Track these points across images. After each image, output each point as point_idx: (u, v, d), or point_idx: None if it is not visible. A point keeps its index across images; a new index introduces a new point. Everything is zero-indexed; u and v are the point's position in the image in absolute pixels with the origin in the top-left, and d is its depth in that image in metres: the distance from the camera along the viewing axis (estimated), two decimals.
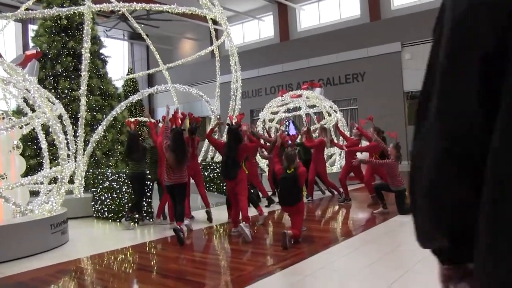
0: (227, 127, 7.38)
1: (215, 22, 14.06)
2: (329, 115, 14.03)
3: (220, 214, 8.32)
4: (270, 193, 10.16)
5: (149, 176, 8.26)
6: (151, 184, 8.26)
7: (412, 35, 19.65)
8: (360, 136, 10.02)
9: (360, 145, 10.15)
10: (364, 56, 20.96)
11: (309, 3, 24.54)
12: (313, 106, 14.69)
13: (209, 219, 8.01)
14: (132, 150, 7.96)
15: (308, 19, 24.78)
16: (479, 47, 0.84)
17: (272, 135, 11.99)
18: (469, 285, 1.00)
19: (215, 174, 11.14)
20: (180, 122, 7.09)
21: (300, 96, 13.47)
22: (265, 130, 11.80)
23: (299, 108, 14.68)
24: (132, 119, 9.08)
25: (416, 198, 0.99)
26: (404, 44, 19.93)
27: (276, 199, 8.55)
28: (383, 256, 5.24)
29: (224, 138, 9.55)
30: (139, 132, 8.69)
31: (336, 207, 9.45)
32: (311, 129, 11.03)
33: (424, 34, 19.24)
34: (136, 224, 8.05)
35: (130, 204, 8.06)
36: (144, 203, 8.12)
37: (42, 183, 8.13)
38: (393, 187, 7.84)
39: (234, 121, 7.33)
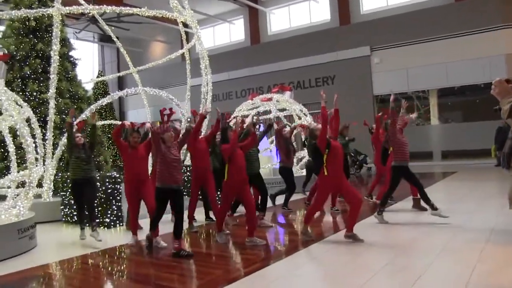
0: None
1: (185, 25, 14.07)
2: (299, 118, 14.19)
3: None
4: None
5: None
6: None
7: (381, 40, 20.06)
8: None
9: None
10: (334, 60, 21.29)
11: (279, 7, 24.77)
12: (283, 110, 14.82)
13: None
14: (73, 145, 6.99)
15: (278, 22, 25.00)
16: None
17: None
18: None
19: (184, 178, 10.94)
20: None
21: (270, 99, 13.57)
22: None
23: (269, 112, 14.80)
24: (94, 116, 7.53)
25: None
26: (373, 48, 20.31)
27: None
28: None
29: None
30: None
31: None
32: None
33: (393, 38, 19.68)
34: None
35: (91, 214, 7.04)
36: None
37: (9, 187, 8.01)
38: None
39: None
